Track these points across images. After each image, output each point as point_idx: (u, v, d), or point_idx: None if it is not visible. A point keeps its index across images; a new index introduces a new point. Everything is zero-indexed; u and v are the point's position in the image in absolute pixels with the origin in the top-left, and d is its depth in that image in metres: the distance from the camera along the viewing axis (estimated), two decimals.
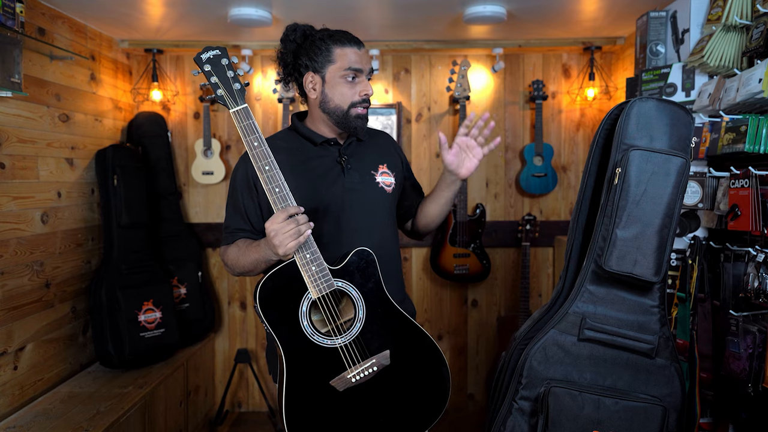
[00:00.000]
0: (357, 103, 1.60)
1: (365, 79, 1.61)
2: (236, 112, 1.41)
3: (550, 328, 1.54)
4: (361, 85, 1.60)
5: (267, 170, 1.40)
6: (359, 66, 1.58)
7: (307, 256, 1.42)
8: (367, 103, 1.62)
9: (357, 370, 1.47)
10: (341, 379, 1.46)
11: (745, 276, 1.77)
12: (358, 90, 1.59)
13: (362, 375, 1.47)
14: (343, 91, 1.59)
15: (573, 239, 1.65)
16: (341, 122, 1.61)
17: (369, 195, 1.66)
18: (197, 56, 1.41)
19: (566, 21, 2.89)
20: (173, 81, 3.39)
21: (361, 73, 1.60)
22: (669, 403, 1.50)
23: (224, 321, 3.51)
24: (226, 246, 1.64)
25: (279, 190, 1.40)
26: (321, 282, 1.44)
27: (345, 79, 1.59)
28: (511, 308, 3.49)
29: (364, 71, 1.60)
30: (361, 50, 1.61)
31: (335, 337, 1.46)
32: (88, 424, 2.21)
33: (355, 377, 1.46)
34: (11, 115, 2.32)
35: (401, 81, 3.44)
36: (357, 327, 1.48)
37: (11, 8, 2.12)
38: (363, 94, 1.60)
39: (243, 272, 1.59)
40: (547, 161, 3.32)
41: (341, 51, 1.58)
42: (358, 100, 1.60)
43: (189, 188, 3.45)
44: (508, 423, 1.54)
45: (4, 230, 2.27)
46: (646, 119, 1.53)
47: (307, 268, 1.42)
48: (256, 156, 1.40)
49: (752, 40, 1.82)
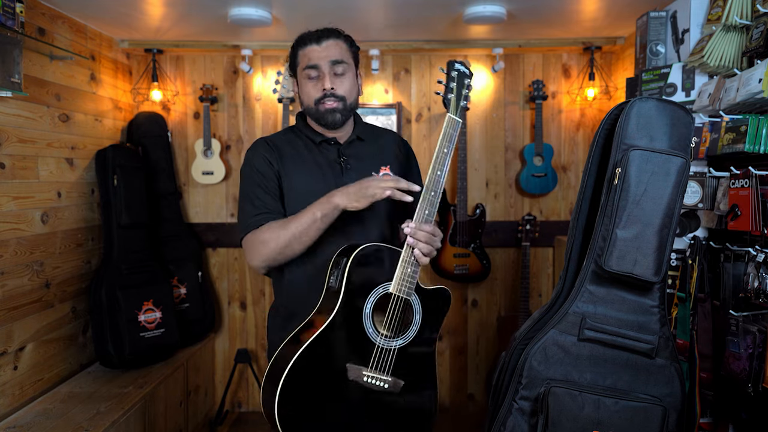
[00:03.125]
0: (320, 99, 1.60)
1: (326, 74, 1.59)
2: (452, 119, 1.51)
3: (550, 328, 1.54)
4: (321, 81, 1.60)
5: (438, 175, 1.48)
6: (315, 62, 1.59)
7: (412, 258, 1.46)
8: (333, 97, 1.60)
9: (374, 375, 1.46)
10: (358, 371, 1.45)
11: (745, 276, 1.77)
12: (318, 86, 1.60)
13: (374, 382, 1.47)
14: (307, 90, 1.62)
15: (573, 239, 1.65)
16: (316, 118, 1.63)
17: None
18: (453, 62, 1.55)
19: (566, 21, 2.89)
20: (173, 81, 3.39)
21: (317, 68, 1.59)
22: (669, 403, 1.50)
23: (224, 321, 3.51)
24: (254, 230, 1.58)
25: (434, 194, 1.48)
26: (405, 286, 1.47)
27: (307, 78, 1.61)
28: (511, 308, 3.49)
29: (321, 65, 1.59)
30: (322, 45, 1.60)
31: (379, 336, 1.47)
32: (88, 424, 2.21)
33: (368, 379, 1.46)
34: (11, 115, 2.32)
35: (401, 81, 3.44)
36: (400, 342, 1.49)
37: (11, 8, 2.12)
38: (322, 90, 1.59)
39: (285, 244, 1.52)
40: (547, 161, 3.32)
41: (302, 52, 1.62)
42: (320, 96, 1.60)
43: (189, 188, 3.45)
44: (508, 423, 1.54)
45: (4, 230, 2.27)
46: (646, 119, 1.53)
47: (405, 266, 1.46)
48: (438, 159, 1.48)
49: (752, 40, 1.82)
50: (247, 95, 3.43)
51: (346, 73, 1.62)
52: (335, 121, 1.62)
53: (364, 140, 1.72)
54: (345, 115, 1.63)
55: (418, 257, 1.46)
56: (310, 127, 1.69)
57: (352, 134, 1.70)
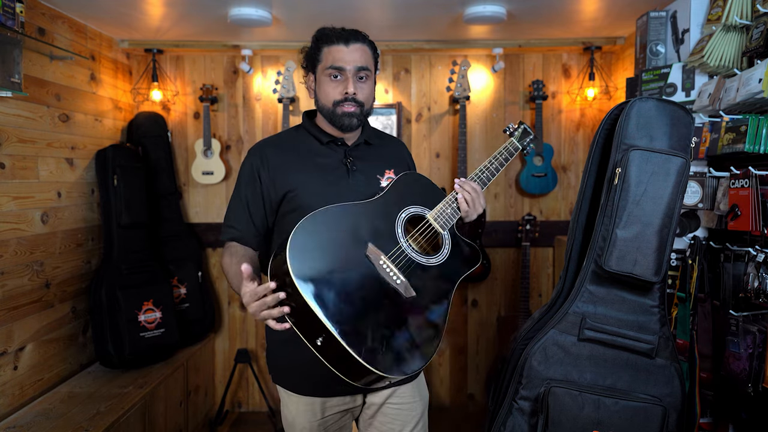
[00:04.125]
0: (340, 102, 1.58)
1: (349, 77, 1.58)
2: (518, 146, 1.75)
3: (550, 328, 1.54)
4: (344, 84, 1.58)
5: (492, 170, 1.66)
6: (341, 64, 1.56)
7: (455, 203, 1.59)
8: (353, 102, 1.59)
9: (390, 265, 1.44)
10: (377, 252, 1.44)
11: (745, 276, 1.77)
12: (341, 89, 1.58)
13: (387, 271, 1.43)
14: (327, 89, 1.59)
15: (573, 239, 1.66)
16: (331, 120, 1.61)
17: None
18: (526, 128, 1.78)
19: (566, 21, 2.89)
20: (173, 81, 3.39)
21: (342, 71, 1.57)
22: (669, 403, 1.50)
23: (224, 321, 3.51)
24: (226, 246, 1.64)
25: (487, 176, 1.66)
26: (442, 219, 1.57)
27: (329, 77, 1.58)
28: (511, 308, 3.49)
29: (347, 69, 1.57)
30: (350, 47, 1.58)
31: (406, 242, 1.50)
32: (88, 424, 2.21)
33: (384, 264, 1.43)
34: (11, 115, 2.32)
35: (401, 81, 3.44)
36: (421, 259, 1.50)
37: (11, 8, 2.12)
38: (344, 93, 1.57)
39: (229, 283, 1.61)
40: (547, 161, 3.32)
41: (327, 49, 1.59)
42: (340, 99, 1.58)
43: (189, 188, 3.45)
44: (508, 423, 1.54)
45: (4, 230, 2.27)
46: (646, 119, 1.53)
47: (447, 204, 1.59)
48: (488, 171, 1.66)
49: (752, 40, 1.82)
50: (247, 95, 3.43)
51: (367, 80, 1.61)
52: (351, 125, 1.61)
53: (371, 144, 1.71)
54: (360, 121, 1.63)
55: (459, 202, 1.57)
56: (318, 126, 1.68)
57: (360, 137, 1.69)
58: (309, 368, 1.55)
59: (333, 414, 1.63)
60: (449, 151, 3.44)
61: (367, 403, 1.67)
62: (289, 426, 1.66)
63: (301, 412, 1.61)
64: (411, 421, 1.67)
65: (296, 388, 1.61)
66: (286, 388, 1.63)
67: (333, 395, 1.61)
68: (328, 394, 1.60)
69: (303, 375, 1.59)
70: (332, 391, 1.60)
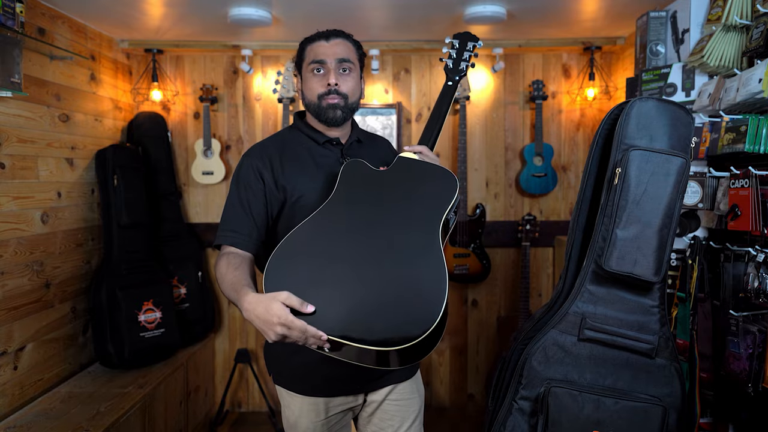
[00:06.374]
0: (323, 95, 1.59)
1: (331, 69, 1.59)
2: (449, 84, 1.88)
3: (550, 328, 1.54)
4: (326, 77, 1.59)
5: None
6: (321, 57, 1.58)
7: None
8: (336, 94, 1.59)
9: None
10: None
11: (745, 276, 1.77)
12: (323, 81, 1.59)
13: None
14: (311, 84, 1.61)
15: (573, 239, 1.66)
16: (317, 114, 1.62)
17: None
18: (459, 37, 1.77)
19: (566, 21, 2.89)
20: (173, 81, 3.39)
21: (324, 64, 1.59)
22: (669, 403, 1.50)
23: (224, 321, 3.51)
24: (219, 252, 1.57)
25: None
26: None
27: (312, 72, 1.60)
28: (511, 308, 3.49)
29: (328, 62, 1.58)
30: (331, 41, 1.60)
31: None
32: (88, 424, 2.21)
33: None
34: (11, 115, 2.32)
35: (401, 81, 3.44)
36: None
37: (11, 8, 2.12)
38: (326, 86, 1.58)
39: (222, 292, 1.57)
40: (547, 161, 3.32)
41: (310, 47, 1.62)
42: (324, 91, 1.59)
43: (189, 188, 3.45)
44: (508, 423, 1.54)
45: (4, 230, 2.27)
46: (646, 119, 1.53)
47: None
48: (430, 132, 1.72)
49: (752, 40, 1.82)
50: (247, 95, 3.43)
51: (350, 73, 1.62)
52: (336, 118, 1.61)
53: (362, 142, 1.73)
54: (345, 113, 1.63)
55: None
56: (311, 126, 1.68)
57: (352, 136, 1.70)
58: (312, 368, 1.55)
59: (336, 413, 1.63)
60: (449, 151, 3.44)
61: (367, 401, 1.67)
62: (291, 427, 1.65)
63: (305, 413, 1.60)
64: (409, 417, 1.68)
65: (299, 388, 1.61)
66: (289, 389, 1.63)
67: (336, 395, 1.61)
68: (331, 394, 1.60)
69: (306, 375, 1.59)
70: (335, 391, 1.60)
